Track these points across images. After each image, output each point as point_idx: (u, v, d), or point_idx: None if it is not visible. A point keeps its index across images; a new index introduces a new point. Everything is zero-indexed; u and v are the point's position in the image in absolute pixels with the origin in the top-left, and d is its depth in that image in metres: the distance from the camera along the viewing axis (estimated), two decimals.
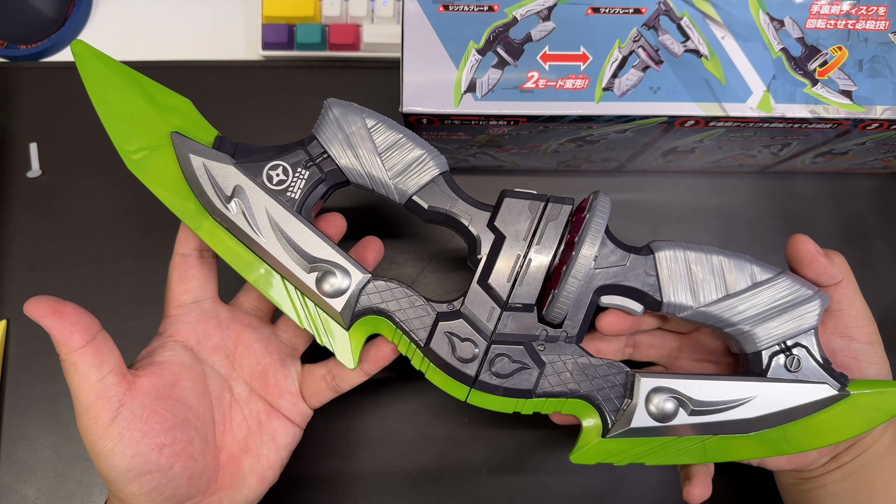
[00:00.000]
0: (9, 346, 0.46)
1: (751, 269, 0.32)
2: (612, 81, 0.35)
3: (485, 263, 0.33)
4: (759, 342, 0.32)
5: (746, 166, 0.48)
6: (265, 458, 0.36)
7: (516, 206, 0.33)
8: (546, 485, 0.46)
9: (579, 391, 0.32)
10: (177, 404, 0.33)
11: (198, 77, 0.49)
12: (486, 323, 0.32)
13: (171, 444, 0.31)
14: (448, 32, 0.35)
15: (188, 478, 0.32)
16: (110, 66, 0.33)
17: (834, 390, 0.32)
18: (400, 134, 0.33)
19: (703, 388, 0.32)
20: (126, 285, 0.47)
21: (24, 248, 0.47)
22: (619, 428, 0.32)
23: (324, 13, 0.48)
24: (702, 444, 0.32)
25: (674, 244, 0.33)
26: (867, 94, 0.36)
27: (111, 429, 0.30)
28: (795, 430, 0.32)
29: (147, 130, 0.33)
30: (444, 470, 0.46)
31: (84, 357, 0.30)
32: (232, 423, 0.36)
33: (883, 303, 0.48)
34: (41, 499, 0.45)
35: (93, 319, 0.31)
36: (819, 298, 0.32)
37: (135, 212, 0.48)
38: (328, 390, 0.37)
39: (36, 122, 0.49)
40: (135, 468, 0.30)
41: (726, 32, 0.36)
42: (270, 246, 0.32)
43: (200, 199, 0.33)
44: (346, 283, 0.32)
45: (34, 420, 0.46)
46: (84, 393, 0.30)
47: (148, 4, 0.52)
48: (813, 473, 0.37)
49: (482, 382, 0.32)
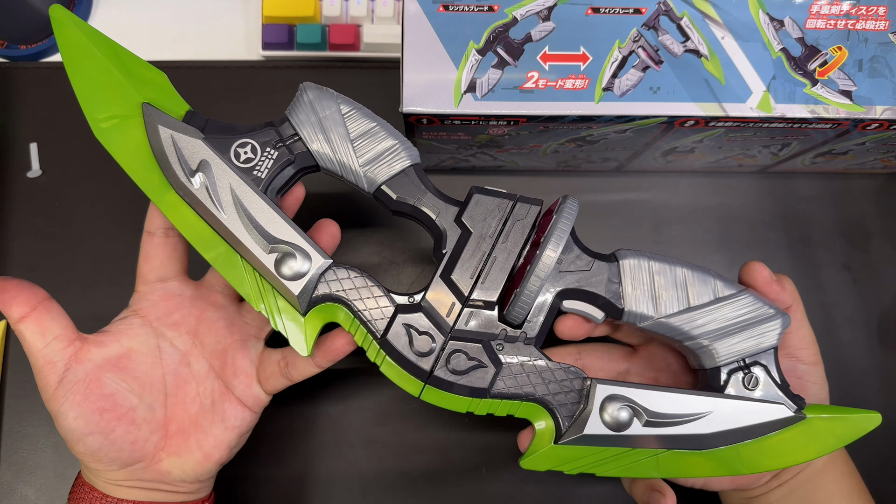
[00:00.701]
0: (9, 346, 0.46)
1: (714, 283, 0.32)
2: (612, 81, 0.36)
3: (449, 258, 0.33)
4: (718, 358, 0.32)
5: (746, 166, 0.48)
6: (212, 437, 0.36)
7: (485, 203, 0.33)
8: (546, 485, 0.46)
9: (534, 394, 0.32)
10: (122, 373, 0.34)
11: (198, 77, 0.49)
12: (445, 318, 0.32)
13: (111, 408, 0.33)
14: (448, 32, 0.35)
15: (131, 442, 0.34)
16: (88, 33, 0.33)
17: (790, 412, 0.32)
18: (374, 122, 0.33)
19: (660, 400, 0.31)
20: (126, 285, 0.47)
21: (24, 248, 0.47)
22: (571, 434, 0.31)
23: (324, 13, 0.48)
24: (655, 458, 0.32)
25: (639, 253, 0.32)
26: (867, 94, 0.36)
27: (57, 391, 0.32)
28: (749, 451, 0.32)
29: (118, 100, 0.33)
30: (444, 470, 0.46)
31: (27, 326, 0.32)
32: (185, 397, 0.36)
33: (883, 303, 0.48)
34: (41, 498, 0.45)
35: (35, 291, 0.33)
36: (781, 318, 0.32)
37: (135, 212, 0.48)
38: (280, 377, 0.37)
39: (36, 122, 0.49)
40: (77, 429, 0.33)
41: (726, 32, 0.36)
42: (231, 223, 0.32)
43: (165, 171, 0.32)
44: (305, 267, 0.32)
45: (34, 420, 0.46)
46: (34, 358, 0.33)
47: (148, 4, 0.52)
48: (757, 492, 0.37)
49: (437, 378, 0.32)
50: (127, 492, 0.35)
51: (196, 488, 0.37)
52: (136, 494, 0.35)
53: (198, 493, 0.37)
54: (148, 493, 0.35)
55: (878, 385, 0.47)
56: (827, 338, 0.48)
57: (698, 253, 0.48)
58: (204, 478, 0.37)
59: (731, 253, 0.48)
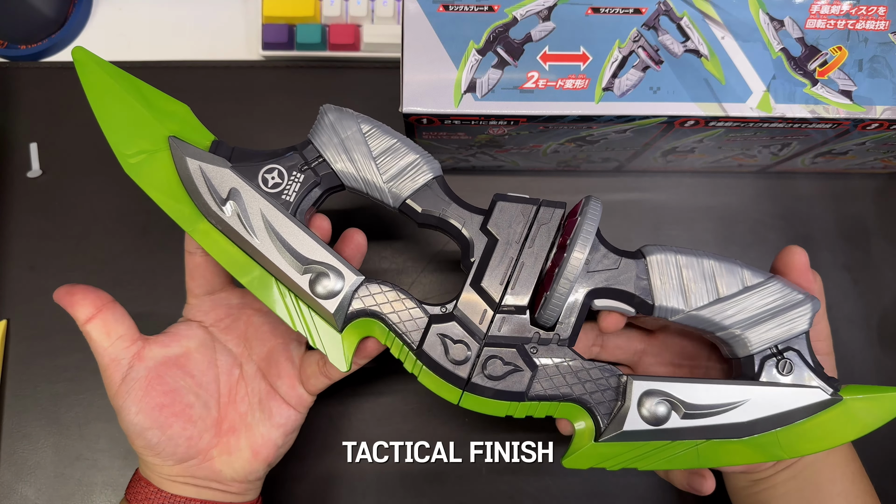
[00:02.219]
0: (9, 346, 0.46)
1: (742, 273, 0.32)
2: (612, 81, 0.36)
3: (477, 266, 0.33)
4: (751, 346, 0.32)
5: (746, 166, 0.48)
6: (260, 435, 0.38)
7: (509, 209, 0.33)
8: (546, 485, 0.46)
9: (572, 394, 0.32)
10: (180, 371, 0.36)
11: (198, 77, 0.49)
12: (478, 325, 0.33)
13: (170, 405, 0.35)
14: (448, 32, 0.35)
15: (187, 438, 0.36)
16: (110, 72, 0.34)
17: (826, 395, 0.32)
18: (394, 139, 0.33)
19: (696, 392, 0.32)
20: (126, 285, 0.47)
21: (24, 248, 0.47)
22: (611, 431, 0.32)
23: (324, 13, 0.48)
24: (695, 448, 0.32)
25: (665, 248, 0.33)
26: (867, 94, 0.36)
27: (121, 387, 0.34)
28: (788, 435, 0.32)
29: (145, 135, 0.33)
30: (444, 470, 0.46)
31: (94, 327, 0.34)
32: (236, 398, 0.38)
33: (883, 303, 0.48)
34: (41, 498, 0.45)
35: (101, 295, 0.35)
36: (811, 302, 0.32)
37: (135, 212, 0.48)
38: (321, 376, 0.38)
39: (36, 123, 0.49)
40: (138, 423, 0.34)
41: (726, 32, 0.36)
42: (265, 247, 0.33)
43: (196, 201, 0.33)
44: (339, 286, 0.32)
45: (34, 420, 0.46)
46: (100, 357, 0.35)
47: (148, 4, 0.52)
48: (763, 475, 0.38)
49: (474, 385, 0.32)
50: (181, 488, 0.36)
51: (245, 489, 0.38)
52: (190, 491, 0.36)
53: (246, 496, 0.39)
54: (200, 490, 0.37)
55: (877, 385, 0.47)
56: None
57: None
58: (252, 478, 0.38)
59: (730, 253, 0.48)
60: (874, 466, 0.40)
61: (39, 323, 0.47)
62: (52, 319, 0.47)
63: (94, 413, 0.46)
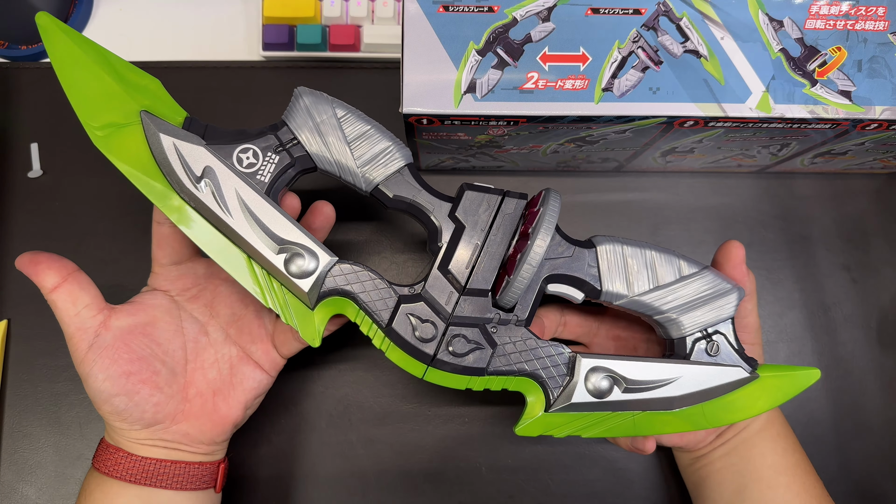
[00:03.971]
0: (9, 345, 0.47)
1: (679, 263, 0.36)
2: (611, 82, 0.36)
3: (445, 251, 0.35)
4: (684, 329, 0.36)
5: (746, 166, 0.48)
6: (231, 398, 0.39)
7: (476, 198, 0.35)
8: (546, 484, 0.46)
9: (526, 370, 0.35)
10: (147, 339, 0.37)
11: (198, 77, 0.49)
12: (444, 306, 0.35)
13: (137, 372, 0.36)
14: (448, 33, 0.36)
15: (154, 404, 0.36)
16: (77, 41, 0.33)
17: (746, 373, 0.36)
18: (368, 125, 0.35)
19: (636, 369, 0.35)
20: (127, 285, 0.47)
21: (24, 248, 0.47)
22: (560, 403, 0.35)
23: (324, 14, 0.48)
24: (632, 419, 0.36)
25: (613, 239, 0.36)
26: (866, 95, 0.36)
27: (87, 355, 0.35)
28: (712, 408, 0.36)
29: (114, 108, 0.33)
30: (444, 470, 0.46)
31: (59, 295, 0.35)
32: (203, 363, 0.39)
33: (883, 303, 0.49)
34: (42, 498, 0.45)
35: (66, 263, 0.35)
36: (737, 291, 0.36)
37: (135, 212, 0.48)
38: (294, 341, 0.39)
39: (37, 123, 0.49)
40: (105, 390, 0.35)
41: (725, 33, 0.36)
42: (239, 226, 0.33)
43: (169, 178, 0.33)
44: (313, 265, 0.34)
45: (35, 419, 0.46)
46: (66, 325, 0.35)
47: (148, 4, 0.52)
48: (702, 451, 0.41)
49: (440, 361, 0.34)
50: (150, 450, 0.37)
51: (212, 450, 0.39)
52: (158, 453, 0.37)
53: (213, 455, 0.39)
54: (168, 451, 0.37)
55: (877, 385, 0.47)
56: (827, 338, 0.48)
57: (698, 253, 0.49)
58: (220, 439, 0.39)
59: None
60: (873, 467, 0.40)
61: (40, 323, 0.47)
62: (53, 319, 0.46)
63: (94, 413, 0.46)
